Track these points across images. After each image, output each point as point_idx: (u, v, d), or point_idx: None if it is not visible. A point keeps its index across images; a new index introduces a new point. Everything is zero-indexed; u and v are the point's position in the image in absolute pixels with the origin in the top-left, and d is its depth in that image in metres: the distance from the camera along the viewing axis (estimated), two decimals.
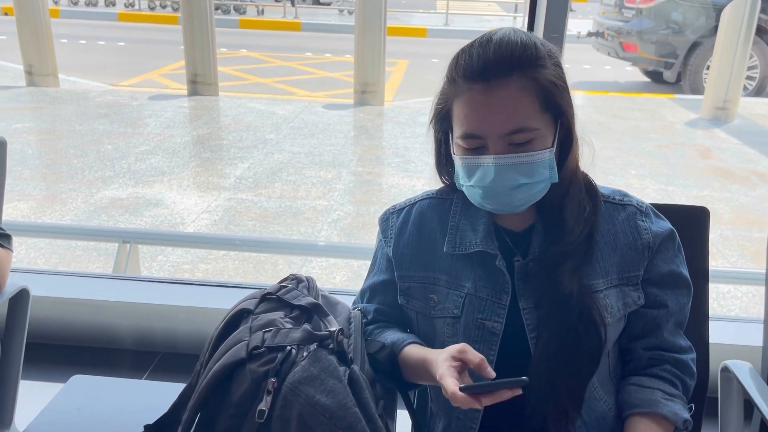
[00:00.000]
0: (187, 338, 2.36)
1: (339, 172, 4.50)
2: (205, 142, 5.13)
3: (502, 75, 0.95)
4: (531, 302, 1.05)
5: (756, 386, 1.24)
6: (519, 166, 0.98)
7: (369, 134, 5.50)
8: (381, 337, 1.13)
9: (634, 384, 1.08)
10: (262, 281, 2.97)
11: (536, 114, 0.97)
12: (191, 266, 3.10)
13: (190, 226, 3.58)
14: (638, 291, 1.06)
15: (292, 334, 0.93)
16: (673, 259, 1.08)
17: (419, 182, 4.33)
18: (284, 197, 4.02)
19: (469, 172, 1.02)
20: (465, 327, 1.08)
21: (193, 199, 3.97)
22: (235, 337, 0.98)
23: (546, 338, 1.03)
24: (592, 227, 1.05)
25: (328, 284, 2.94)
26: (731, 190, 4.33)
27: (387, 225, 1.18)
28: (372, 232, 3.52)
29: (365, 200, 4.02)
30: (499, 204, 1.02)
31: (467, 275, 1.08)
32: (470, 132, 0.99)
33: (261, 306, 1.05)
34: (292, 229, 3.55)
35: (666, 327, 1.08)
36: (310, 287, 1.11)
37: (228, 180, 4.31)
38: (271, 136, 5.30)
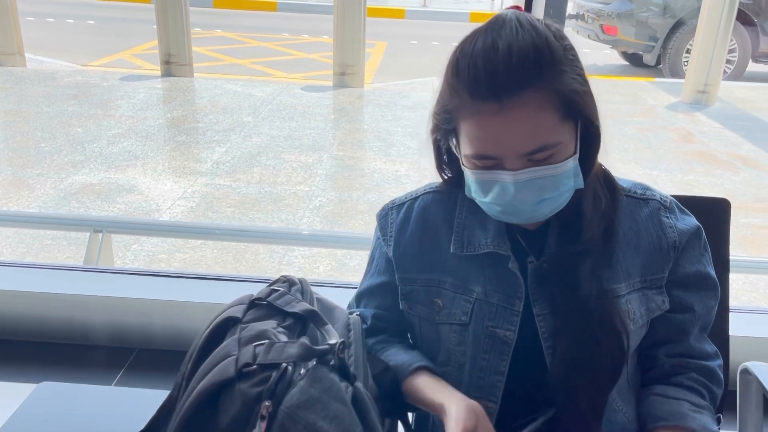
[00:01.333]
0: (164, 333, 2.25)
1: (320, 157, 4.37)
2: (180, 124, 4.96)
3: (515, 92, 0.82)
4: (546, 308, 0.96)
5: None
6: (542, 179, 0.87)
7: (349, 117, 5.36)
8: (384, 355, 1.03)
9: (657, 394, 0.99)
10: (242, 271, 2.86)
11: (557, 127, 0.85)
12: (168, 256, 2.97)
13: (165, 213, 3.44)
14: (662, 295, 0.98)
15: (288, 348, 0.83)
16: (699, 258, 1.00)
17: (402, 167, 4.23)
18: (264, 182, 3.88)
19: (485, 188, 0.90)
20: (474, 335, 0.99)
21: (168, 184, 3.82)
22: (222, 350, 0.87)
23: (563, 347, 0.94)
24: (610, 222, 0.97)
25: (312, 274, 2.84)
26: (715, 174, 4.31)
27: (386, 222, 1.08)
28: (356, 219, 3.42)
29: (348, 186, 3.91)
30: (522, 219, 0.92)
31: (476, 278, 0.99)
32: (483, 153, 0.87)
33: (250, 313, 0.95)
34: (272, 216, 3.43)
35: (692, 332, 1.00)
36: (304, 291, 1.00)
37: (205, 164, 4.16)
38: (249, 118, 5.14)
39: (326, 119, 5.25)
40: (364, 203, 3.64)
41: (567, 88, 0.85)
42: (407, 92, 6.16)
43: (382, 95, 6.02)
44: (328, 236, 2.50)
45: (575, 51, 0.88)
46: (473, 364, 0.99)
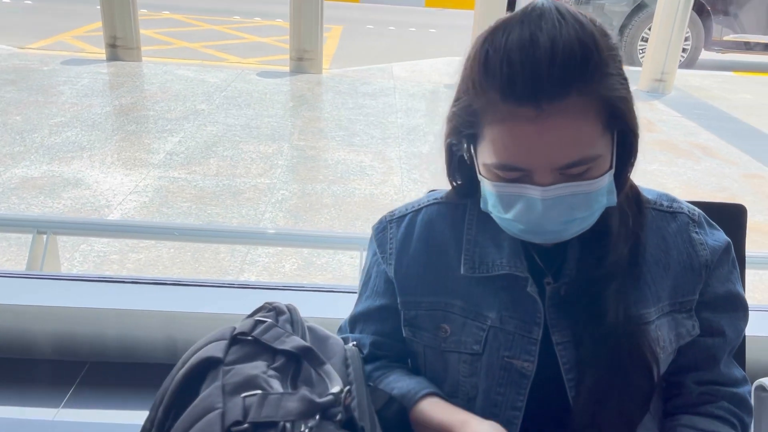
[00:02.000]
0: (119, 345, 2.07)
1: (280, 147, 4.19)
2: (128, 112, 4.68)
3: (557, 96, 0.70)
4: (567, 335, 0.86)
5: None
6: (573, 197, 0.75)
7: (309, 105, 5.18)
8: (385, 384, 0.91)
9: (686, 425, 0.90)
10: (202, 272, 2.68)
11: (598, 138, 0.74)
12: (120, 256, 2.76)
13: (116, 210, 3.21)
14: (693, 319, 0.89)
15: (286, 402, 0.69)
16: (728, 276, 0.91)
17: (367, 157, 4.09)
18: (221, 175, 3.69)
19: (507, 203, 0.78)
20: (488, 367, 0.88)
21: (118, 177, 3.58)
22: (203, 402, 0.73)
23: (588, 380, 0.84)
24: (638, 240, 0.86)
25: (277, 275, 2.69)
26: (677, 164, 4.32)
27: (384, 237, 0.95)
28: (321, 213, 3.28)
29: (311, 178, 3.75)
30: (546, 239, 0.81)
31: (490, 303, 0.88)
32: (512, 164, 0.75)
33: (233, 351, 0.81)
34: (232, 211, 3.25)
35: (722, 358, 0.92)
36: (294, 321, 0.87)
37: (157, 156, 3.93)
38: (203, 106, 4.90)
39: (285, 107, 5.06)
40: (329, 196, 3.49)
41: (613, 94, 0.73)
42: (367, 79, 6.00)
43: (342, 82, 5.85)
44: (294, 235, 2.35)
45: (619, 55, 0.76)
46: (486, 398, 0.89)
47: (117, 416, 1.89)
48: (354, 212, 3.31)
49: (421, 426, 0.86)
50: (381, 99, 5.37)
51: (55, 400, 1.88)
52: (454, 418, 0.83)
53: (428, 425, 0.86)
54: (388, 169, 3.92)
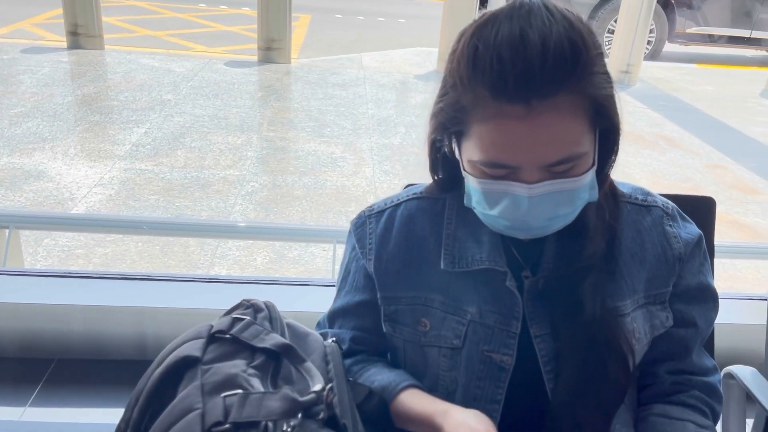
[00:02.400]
0: (87, 342, 2.02)
1: (249, 138, 4.13)
2: (92, 102, 4.57)
3: (548, 94, 0.69)
4: (545, 328, 0.86)
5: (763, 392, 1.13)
6: (558, 194, 0.76)
7: (278, 95, 5.12)
8: (365, 378, 0.91)
9: (659, 414, 0.92)
10: (171, 266, 2.64)
11: (584, 136, 0.74)
12: (86, 251, 2.70)
13: (81, 203, 3.14)
14: (666, 311, 0.90)
15: (268, 402, 0.68)
16: (700, 269, 0.93)
17: (338, 149, 4.06)
18: (189, 167, 3.63)
19: (492, 200, 0.78)
20: (467, 361, 0.88)
21: (82, 170, 3.50)
22: (182, 402, 0.72)
23: (566, 373, 0.85)
24: (614, 234, 0.87)
25: (249, 268, 2.66)
26: (643, 154, 4.40)
27: (363, 232, 0.94)
28: (292, 206, 3.25)
29: (281, 169, 3.71)
30: (530, 235, 0.81)
31: (470, 297, 0.88)
32: (500, 162, 0.74)
33: (211, 350, 0.79)
34: (201, 204, 3.20)
35: (694, 348, 0.93)
36: (272, 318, 0.85)
37: (123, 147, 3.84)
38: (169, 96, 4.80)
39: (253, 97, 4.99)
40: (301, 188, 3.46)
41: (600, 93, 0.73)
42: (336, 69, 5.96)
43: (311, 72, 5.80)
44: (267, 228, 2.32)
45: (603, 52, 0.76)
46: (466, 391, 0.89)
47: (86, 414, 1.85)
48: (326, 204, 3.29)
49: (402, 418, 0.86)
50: (351, 89, 5.35)
51: (21, 399, 1.84)
52: (435, 407, 0.83)
53: (409, 417, 0.86)
54: (360, 161, 3.91)
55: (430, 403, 0.85)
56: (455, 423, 0.79)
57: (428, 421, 0.82)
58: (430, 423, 0.82)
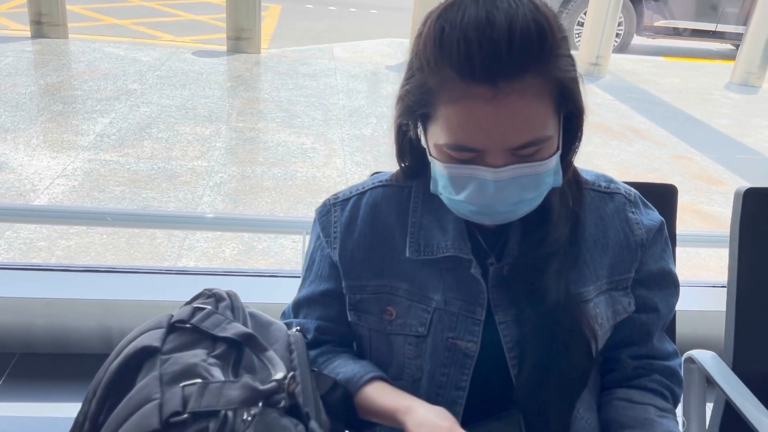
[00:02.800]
0: (50, 335, 1.98)
1: (218, 128, 4.08)
2: (55, 92, 4.46)
3: (515, 75, 0.69)
4: (509, 315, 0.87)
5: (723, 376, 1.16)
6: (524, 178, 0.76)
7: (247, 85, 5.06)
8: (330, 370, 0.90)
9: (621, 399, 0.93)
10: (137, 258, 2.60)
11: (549, 119, 0.74)
12: (49, 243, 2.64)
13: (43, 194, 3.06)
14: (629, 296, 0.91)
15: (227, 390, 0.67)
16: (662, 255, 0.94)
17: (308, 139, 4.03)
18: (156, 158, 3.56)
19: (458, 185, 0.78)
20: (432, 348, 0.88)
21: (45, 160, 3.41)
22: (140, 392, 0.70)
23: (530, 359, 0.85)
24: (577, 220, 0.88)
25: (217, 260, 2.63)
26: (611, 145, 4.46)
27: (328, 220, 0.93)
28: (261, 197, 3.22)
29: (250, 160, 3.67)
30: (496, 220, 0.81)
31: (435, 285, 0.88)
32: (467, 145, 0.74)
33: (171, 339, 0.78)
34: (168, 195, 3.15)
35: (655, 333, 0.95)
36: (234, 307, 0.84)
37: (87, 137, 3.76)
38: (135, 86, 4.71)
39: (222, 87, 4.93)
40: (270, 179, 3.43)
41: (565, 75, 0.74)
42: (307, 59, 5.91)
43: (281, 62, 5.74)
44: (235, 219, 2.29)
45: (567, 36, 0.76)
46: (431, 379, 0.89)
47: (50, 409, 1.81)
48: (296, 195, 3.27)
49: (366, 410, 0.86)
50: (322, 80, 5.31)
51: None
52: (399, 403, 0.83)
53: (372, 410, 0.86)
54: (331, 152, 3.88)
55: (394, 398, 0.84)
56: (418, 420, 0.79)
57: (391, 416, 0.82)
58: (392, 418, 0.82)
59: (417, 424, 0.79)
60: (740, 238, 1.19)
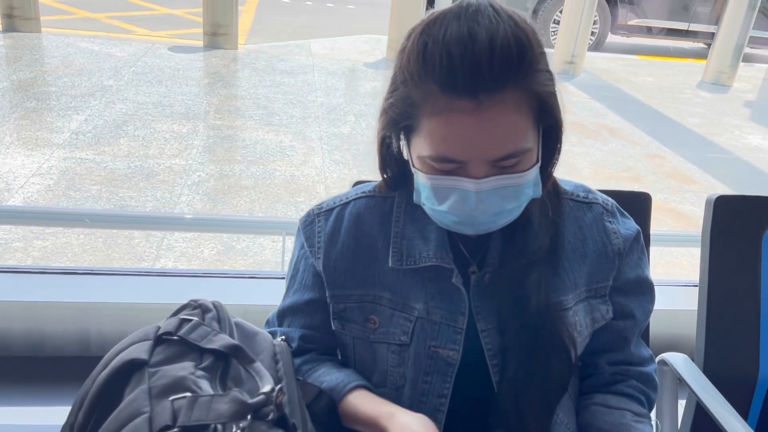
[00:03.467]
0: (27, 339, 1.96)
1: (195, 126, 4.05)
2: (28, 88, 4.38)
3: (495, 89, 0.72)
4: (491, 323, 0.89)
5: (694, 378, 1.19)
6: (504, 189, 0.78)
7: (225, 82, 5.03)
8: (314, 378, 0.92)
9: (599, 404, 0.96)
10: (115, 259, 2.58)
11: (529, 132, 0.77)
12: (24, 244, 2.60)
13: (17, 194, 3.02)
14: (606, 304, 0.94)
15: (217, 404, 0.68)
16: (638, 263, 0.97)
17: (287, 137, 4.03)
18: (133, 156, 3.53)
19: (441, 196, 0.80)
20: (415, 356, 0.90)
21: (18, 159, 3.36)
22: (129, 406, 0.71)
23: (512, 366, 0.88)
24: (557, 230, 0.91)
25: (196, 260, 2.62)
26: (586, 144, 4.52)
27: (312, 230, 0.95)
28: (240, 196, 3.21)
29: (229, 158, 3.65)
30: (477, 230, 0.83)
31: (417, 294, 0.90)
32: (447, 155, 0.77)
33: (158, 352, 0.78)
34: (146, 194, 3.12)
35: (632, 339, 0.98)
36: (221, 318, 0.85)
37: (61, 135, 3.71)
38: (111, 82, 4.65)
39: (199, 84, 4.89)
40: (248, 178, 3.42)
41: (544, 89, 0.76)
42: (284, 55, 5.88)
43: (258, 58, 5.70)
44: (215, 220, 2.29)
45: (545, 52, 0.79)
46: (414, 387, 0.91)
47: (28, 414, 1.80)
48: (275, 194, 3.26)
49: (350, 419, 0.88)
50: (299, 77, 5.29)
51: None
52: (382, 410, 0.85)
53: (356, 418, 0.87)
54: (309, 150, 3.88)
55: (376, 405, 0.86)
56: (399, 426, 0.81)
57: (374, 423, 0.84)
58: (375, 425, 0.84)
59: (399, 430, 0.81)
60: (711, 243, 1.23)
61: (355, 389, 0.89)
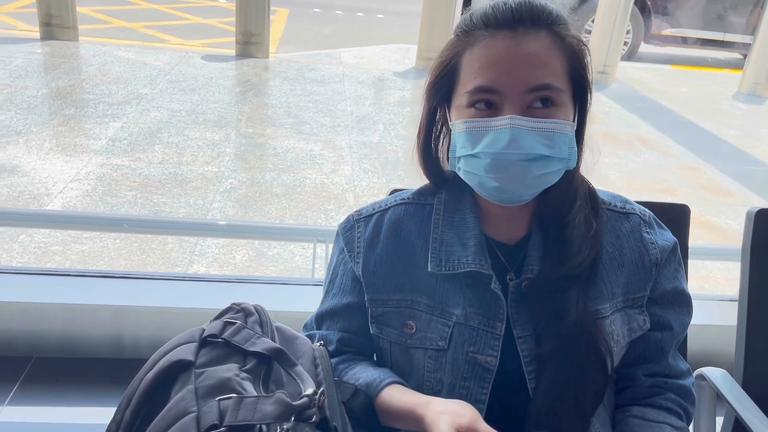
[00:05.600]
0: (64, 340, 2.01)
1: (227, 134, 4.11)
2: (67, 96, 4.50)
3: (532, 25, 0.82)
4: (527, 329, 0.89)
5: (733, 393, 1.18)
6: (539, 132, 0.81)
7: (256, 90, 5.09)
8: (350, 376, 0.92)
9: (636, 417, 0.95)
10: (149, 264, 2.62)
11: (563, 75, 0.83)
12: (63, 248, 2.67)
13: (56, 199, 3.09)
14: (644, 314, 0.94)
15: (262, 405, 0.69)
16: (675, 274, 0.96)
17: (317, 146, 4.06)
18: (167, 162, 3.60)
19: (475, 138, 0.83)
20: (453, 362, 0.90)
21: (58, 164, 3.45)
22: (177, 405, 0.73)
23: (547, 375, 0.88)
24: (599, 247, 0.90)
25: (228, 266, 2.65)
26: (619, 155, 4.48)
27: (351, 235, 0.96)
28: (271, 203, 3.25)
29: (260, 166, 3.70)
30: (508, 179, 0.83)
31: (455, 300, 0.90)
32: (485, 85, 0.81)
33: (203, 353, 0.80)
34: (179, 201, 3.18)
35: (669, 351, 0.97)
36: (263, 322, 0.87)
37: (99, 142, 3.80)
38: (146, 90, 4.75)
39: (231, 92, 4.96)
40: (279, 185, 3.46)
41: (576, 43, 0.85)
42: (314, 64, 5.94)
43: (290, 67, 5.77)
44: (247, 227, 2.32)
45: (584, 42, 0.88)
46: (451, 392, 0.91)
47: (64, 413, 1.84)
48: (305, 202, 3.29)
49: (386, 414, 0.88)
50: (330, 86, 5.34)
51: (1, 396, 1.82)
52: (418, 400, 0.85)
53: (391, 411, 0.87)
54: (339, 158, 3.91)
55: (412, 396, 0.86)
56: (438, 411, 0.80)
57: (410, 413, 0.84)
58: (411, 415, 0.84)
59: (438, 412, 0.80)
60: (751, 257, 1.21)
61: (390, 384, 0.89)
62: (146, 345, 2.00)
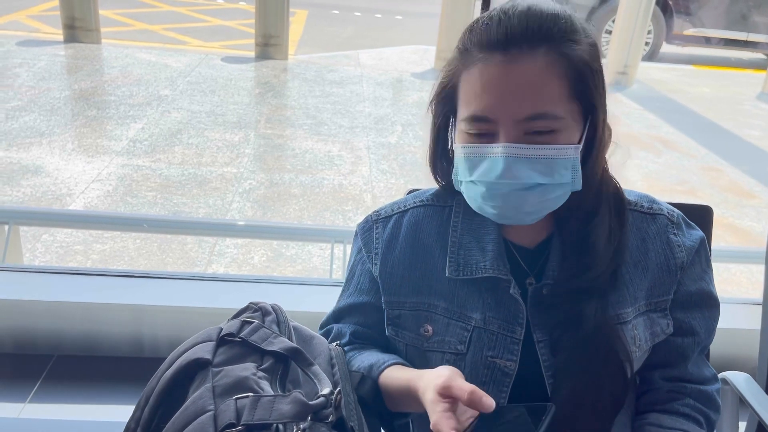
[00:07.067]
0: (85, 338, 2.03)
1: (246, 135, 4.14)
2: (89, 97, 4.56)
3: (527, 46, 0.77)
4: (547, 335, 0.88)
5: (756, 398, 1.15)
6: (535, 160, 0.78)
7: (275, 92, 5.12)
8: (356, 365, 0.91)
9: (653, 424, 0.93)
10: (169, 263, 2.65)
11: (563, 99, 0.78)
12: (84, 247, 2.70)
13: (78, 199, 3.13)
14: (667, 318, 0.91)
15: (279, 405, 0.69)
16: (702, 275, 0.93)
17: (335, 147, 4.07)
18: (187, 163, 3.63)
19: (472, 164, 0.81)
20: (471, 366, 0.89)
21: (80, 165, 3.49)
22: (195, 403, 0.73)
23: (566, 379, 0.86)
24: (621, 258, 0.88)
25: (246, 266, 2.67)
26: (639, 156, 4.43)
27: (370, 236, 0.96)
28: (289, 204, 3.26)
29: (279, 167, 3.72)
30: (505, 207, 0.81)
31: (474, 304, 0.89)
32: (479, 113, 0.79)
33: (221, 352, 0.80)
34: (198, 201, 3.20)
35: (692, 357, 0.94)
36: (280, 321, 0.87)
37: (120, 143, 3.84)
38: (167, 91, 4.80)
39: (251, 94, 4.99)
40: (297, 186, 3.47)
41: (579, 59, 0.79)
42: (333, 66, 5.96)
43: (308, 69, 5.79)
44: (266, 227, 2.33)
45: (596, 43, 0.82)
46: None
47: (85, 411, 1.86)
48: (323, 203, 3.30)
49: (389, 395, 0.87)
50: (348, 87, 5.35)
51: (21, 396, 1.84)
52: (412, 373, 0.84)
53: (393, 391, 0.86)
54: (357, 159, 3.91)
55: (408, 372, 0.85)
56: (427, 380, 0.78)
57: (406, 389, 0.82)
58: (408, 391, 0.82)
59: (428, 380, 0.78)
60: None
61: (392, 366, 0.88)
62: (165, 344, 2.02)
